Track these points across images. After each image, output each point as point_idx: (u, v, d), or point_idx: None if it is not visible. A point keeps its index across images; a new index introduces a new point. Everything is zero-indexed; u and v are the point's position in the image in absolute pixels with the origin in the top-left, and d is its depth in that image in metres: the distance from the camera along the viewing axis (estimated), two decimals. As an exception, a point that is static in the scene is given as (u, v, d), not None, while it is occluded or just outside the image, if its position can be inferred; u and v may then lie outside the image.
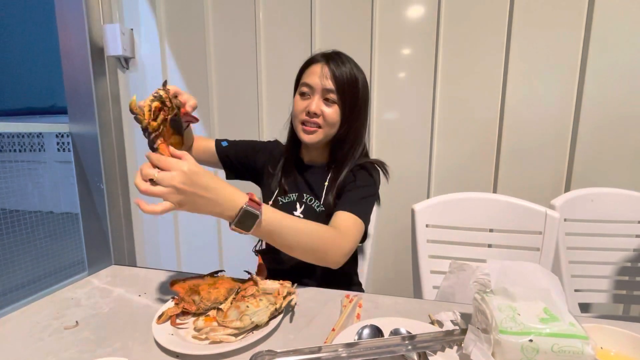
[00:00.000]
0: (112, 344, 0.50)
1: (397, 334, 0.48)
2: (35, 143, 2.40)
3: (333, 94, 0.75)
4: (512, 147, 1.35)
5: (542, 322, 0.39)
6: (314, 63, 0.78)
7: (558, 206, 1.00)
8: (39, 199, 2.13)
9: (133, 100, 0.50)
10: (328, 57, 0.77)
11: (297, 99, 0.80)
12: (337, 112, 0.77)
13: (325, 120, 0.77)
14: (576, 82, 1.26)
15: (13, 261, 1.70)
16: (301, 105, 0.78)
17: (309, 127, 0.78)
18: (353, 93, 0.77)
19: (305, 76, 0.79)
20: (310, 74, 0.77)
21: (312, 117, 0.76)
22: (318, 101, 0.76)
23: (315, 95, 0.76)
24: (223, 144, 0.91)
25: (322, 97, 0.76)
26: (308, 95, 0.77)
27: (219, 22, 1.57)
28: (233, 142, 0.94)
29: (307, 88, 0.77)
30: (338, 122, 0.78)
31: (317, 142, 0.79)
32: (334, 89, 0.75)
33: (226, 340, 0.47)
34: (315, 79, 0.76)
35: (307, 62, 0.80)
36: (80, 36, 1.60)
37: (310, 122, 0.77)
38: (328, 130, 0.79)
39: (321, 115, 0.76)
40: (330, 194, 0.80)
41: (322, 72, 0.75)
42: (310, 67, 0.79)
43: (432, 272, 0.96)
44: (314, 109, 0.75)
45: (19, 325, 0.56)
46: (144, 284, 0.71)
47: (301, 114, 0.78)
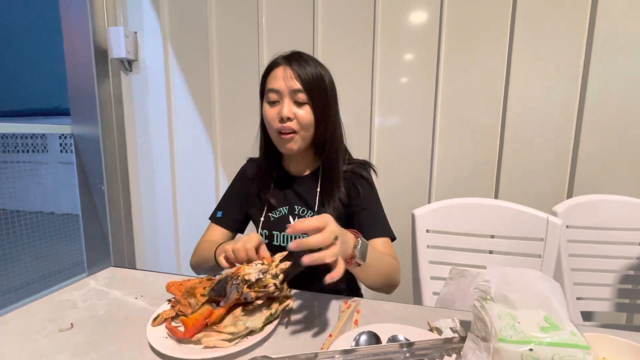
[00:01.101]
0: (106, 347, 0.50)
1: (395, 340, 0.47)
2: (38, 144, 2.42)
3: (302, 93, 0.72)
4: (514, 152, 1.34)
5: (543, 331, 0.38)
6: (276, 67, 0.75)
7: (560, 213, 0.99)
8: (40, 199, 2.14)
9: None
10: (289, 58, 0.74)
11: (267, 108, 0.76)
12: (309, 113, 0.74)
13: (300, 124, 0.74)
14: (578, 88, 1.26)
15: (13, 261, 1.69)
16: (272, 113, 0.74)
17: (286, 135, 0.74)
18: (321, 90, 0.74)
19: (269, 82, 0.75)
20: (274, 79, 0.74)
21: (285, 122, 0.73)
22: (289, 105, 0.73)
23: (285, 99, 0.73)
24: (219, 215, 0.86)
25: (292, 99, 0.73)
26: (277, 101, 0.74)
27: (222, 25, 1.58)
28: (221, 202, 0.89)
29: (275, 94, 0.73)
30: (313, 123, 0.75)
31: (297, 149, 0.76)
32: (301, 89, 0.72)
33: (219, 345, 0.46)
34: (281, 83, 0.72)
35: (268, 68, 0.77)
36: (84, 39, 1.61)
37: (285, 128, 0.73)
38: (305, 134, 0.75)
39: (295, 119, 0.73)
40: (327, 204, 0.79)
41: (286, 74, 0.72)
42: (272, 72, 0.75)
43: (432, 278, 0.95)
44: (286, 114, 0.72)
45: (14, 326, 0.55)
46: (141, 287, 0.70)
47: (274, 122, 0.74)
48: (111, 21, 1.67)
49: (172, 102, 1.71)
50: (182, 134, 1.72)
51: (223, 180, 1.68)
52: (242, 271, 0.52)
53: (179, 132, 1.72)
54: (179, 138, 1.73)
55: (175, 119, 1.72)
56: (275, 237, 0.81)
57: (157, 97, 1.72)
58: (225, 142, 1.67)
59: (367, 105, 1.45)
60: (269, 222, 0.82)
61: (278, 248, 0.80)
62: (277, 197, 0.83)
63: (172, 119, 1.72)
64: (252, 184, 0.87)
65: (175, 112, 1.71)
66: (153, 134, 1.76)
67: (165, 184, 1.78)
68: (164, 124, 1.73)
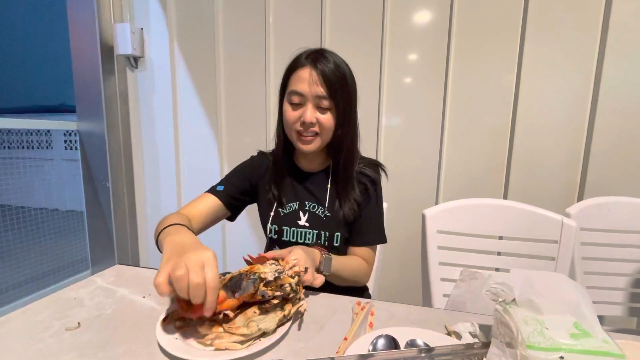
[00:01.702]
0: (114, 348, 0.48)
1: (413, 345, 0.45)
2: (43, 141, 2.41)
3: (326, 100, 0.71)
4: (524, 153, 1.32)
5: (573, 338, 0.36)
6: (300, 67, 0.73)
7: (573, 214, 0.97)
8: (45, 196, 2.13)
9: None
10: (313, 59, 0.72)
11: (288, 109, 0.74)
12: (331, 118, 0.74)
13: (321, 128, 0.74)
14: (591, 88, 1.23)
15: (17, 257, 1.69)
16: (294, 116, 0.74)
17: (306, 137, 0.74)
18: (344, 92, 0.74)
19: (293, 83, 0.73)
20: (298, 81, 0.72)
21: (307, 128, 0.73)
22: (312, 110, 0.72)
23: (308, 104, 0.72)
24: (219, 189, 0.83)
25: (315, 105, 0.72)
26: (299, 104, 0.73)
27: (229, 23, 1.57)
28: (224, 179, 0.87)
29: (298, 97, 0.72)
30: (333, 127, 0.75)
31: (315, 149, 0.77)
32: (326, 95, 0.71)
33: (232, 348, 0.45)
34: (305, 87, 0.71)
35: (292, 66, 0.75)
36: (90, 35, 1.60)
37: (307, 132, 0.74)
38: (325, 137, 0.76)
39: (317, 124, 0.73)
40: (342, 204, 0.78)
41: (311, 77, 0.70)
42: (296, 72, 0.73)
43: (442, 279, 0.93)
44: (309, 119, 0.71)
45: (20, 325, 0.54)
46: (148, 285, 0.69)
47: (295, 124, 0.74)
48: (117, 17, 1.66)
49: (177, 100, 1.70)
50: (187, 131, 1.71)
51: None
52: (257, 269, 0.51)
53: (184, 130, 1.71)
54: (184, 135, 1.72)
55: (181, 117, 1.71)
56: (285, 232, 0.80)
57: (163, 94, 1.70)
58: (231, 139, 1.65)
59: (374, 105, 1.43)
60: (279, 217, 0.81)
61: (287, 243, 0.80)
62: (288, 193, 0.82)
63: (177, 116, 1.71)
64: (261, 178, 0.86)
65: (180, 110, 1.70)
66: (158, 131, 1.75)
67: (170, 181, 1.77)
68: (169, 121, 1.72)
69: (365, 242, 0.81)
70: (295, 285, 0.52)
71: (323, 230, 0.78)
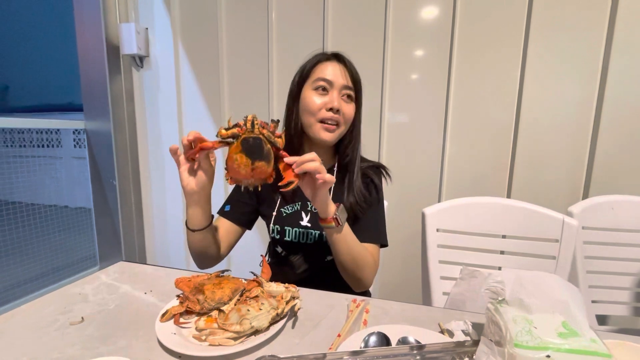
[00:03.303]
0: (115, 342, 0.50)
1: (405, 342, 0.46)
2: (52, 139, 2.46)
3: (352, 91, 0.76)
4: (528, 151, 1.31)
5: (561, 337, 0.37)
6: (325, 60, 0.77)
7: (576, 213, 0.96)
8: (55, 193, 2.17)
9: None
10: (338, 57, 0.78)
11: (313, 95, 0.75)
12: (353, 109, 0.78)
13: (345, 117, 0.76)
14: (597, 85, 1.21)
15: (28, 254, 1.73)
16: (319, 101, 0.75)
17: (330, 125, 0.75)
18: (361, 92, 0.80)
19: (319, 71, 0.76)
20: (326, 70, 0.75)
21: (334, 114, 0.75)
22: (338, 97, 0.75)
23: (334, 91, 0.75)
24: (227, 209, 0.85)
25: (340, 94, 0.75)
26: (326, 90, 0.75)
27: (232, 22, 1.58)
28: (230, 196, 0.88)
29: (326, 83, 0.75)
30: (352, 120, 0.79)
31: (332, 141, 0.78)
32: (352, 87, 0.76)
33: (224, 344, 0.46)
34: (334, 75, 0.75)
35: (316, 59, 0.78)
36: (97, 35, 1.63)
37: (331, 120, 0.75)
38: (344, 129, 0.78)
39: (340, 113, 0.75)
40: (344, 194, 0.79)
41: (338, 69, 0.75)
42: (322, 64, 0.77)
43: (442, 278, 0.94)
44: (337, 105, 0.74)
45: (26, 319, 0.56)
46: (151, 282, 0.71)
47: (320, 110, 0.75)
48: (123, 17, 1.68)
49: (182, 98, 1.72)
50: (191, 129, 1.72)
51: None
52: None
53: (189, 128, 1.73)
54: (189, 134, 1.74)
55: (185, 115, 1.73)
56: (287, 232, 0.81)
57: (168, 93, 1.73)
58: (235, 138, 1.67)
59: (377, 103, 1.43)
60: (281, 217, 0.82)
61: (290, 243, 0.80)
62: (290, 193, 0.83)
63: (182, 114, 1.73)
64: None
65: (185, 108, 1.72)
66: (163, 129, 1.77)
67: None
68: (174, 119, 1.74)
69: (366, 238, 0.80)
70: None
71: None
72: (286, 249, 0.82)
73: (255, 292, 0.55)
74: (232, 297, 0.55)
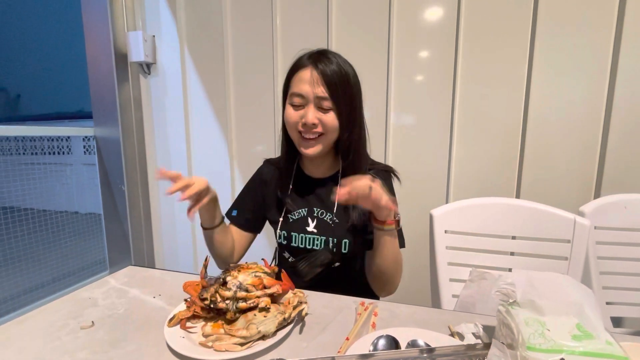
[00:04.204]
0: (125, 346, 0.50)
1: (414, 346, 0.45)
2: (63, 146, 2.50)
3: (327, 101, 0.71)
4: (537, 150, 1.29)
5: (575, 340, 0.36)
6: (301, 68, 0.73)
7: (588, 213, 0.94)
8: (66, 199, 2.21)
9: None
10: (315, 60, 0.72)
11: (290, 111, 0.74)
12: (334, 118, 0.72)
13: (325, 128, 0.73)
14: (607, 82, 1.19)
15: (40, 259, 1.76)
16: (295, 117, 0.73)
17: (309, 138, 0.73)
18: (346, 93, 0.72)
19: (294, 85, 0.73)
20: (300, 82, 0.72)
21: (309, 129, 0.72)
22: (313, 111, 0.71)
23: (310, 105, 0.71)
24: (234, 214, 0.86)
25: (316, 106, 0.72)
26: (301, 105, 0.73)
27: (237, 28, 1.60)
28: (237, 200, 0.89)
29: (299, 98, 0.72)
30: (338, 126, 0.73)
31: (318, 153, 0.75)
32: (327, 96, 0.70)
33: (231, 349, 0.46)
34: (306, 87, 0.71)
35: (294, 68, 0.75)
36: (105, 44, 1.66)
37: (309, 134, 0.73)
38: (330, 137, 0.75)
39: (319, 124, 0.72)
40: (349, 208, 0.78)
41: (312, 78, 0.70)
42: (297, 73, 0.73)
43: (451, 280, 0.92)
44: (310, 120, 0.71)
45: (38, 323, 0.57)
46: (159, 286, 0.71)
47: (296, 125, 0.73)
48: (130, 26, 1.71)
49: (188, 104, 1.74)
50: (198, 134, 1.75)
51: (238, 179, 1.70)
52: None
53: (196, 133, 1.75)
54: (196, 139, 1.76)
55: (192, 120, 1.75)
56: (294, 238, 0.80)
57: (175, 99, 1.75)
58: (241, 142, 1.68)
59: (382, 104, 1.42)
60: (288, 223, 0.81)
61: (296, 249, 0.80)
62: (296, 199, 0.82)
63: (189, 120, 1.75)
64: (269, 186, 0.87)
65: (192, 114, 1.74)
66: (171, 135, 1.79)
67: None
68: (181, 125, 1.76)
69: None
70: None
71: (331, 236, 0.78)
72: (293, 255, 0.82)
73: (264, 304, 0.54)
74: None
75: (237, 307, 0.51)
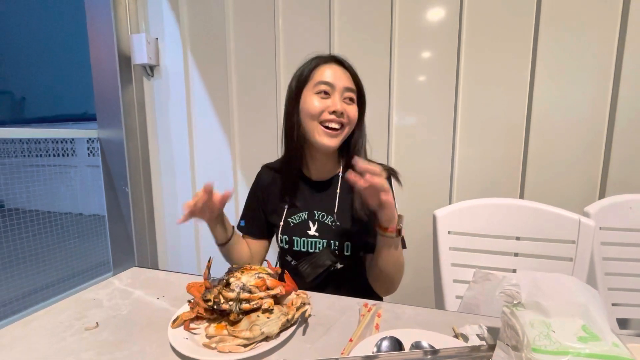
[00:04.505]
0: (130, 347, 0.50)
1: (418, 347, 0.45)
2: (67, 148, 2.53)
3: (353, 93, 0.76)
4: (541, 150, 1.28)
5: (581, 341, 0.36)
6: (324, 63, 0.76)
7: (593, 213, 0.93)
8: (70, 201, 2.23)
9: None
10: (336, 59, 0.77)
11: (313, 99, 0.74)
12: (356, 111, 0.77)
13: (349, 118, 0.75)
14: (611, 81, 1.18)
15: (45, 260, 1.78)
16: (321, 105, 0.73)
17: (334, 128, 0.73)
18: (363, 93, 0.80)
19: (318, 75, 0.74)
20: (325, 73, 0.74)
21: (338, 117, 0.73)
22: (340, 100, 0.74)
23: (336, 94, 0.73)
24: (242, 224, 0.88)
25: (341, 96, 0.74)
26: (327, 93, 0.74)
27: (240, 30, 1.60)
28: (244, 210, 0.90)
29: (327, 86, 0.73)
30: (356, 121, 0.78)
31: (337, 145, 0.76)
32: (353, 88, 0.76)
33: (235, 351, 0.46)
34: (335, 78, 0.74)
35: (315, 63, 0.77)
36: (109, 46, 1.67)
37: (334, 122, 0.73)
38: (348, 131, 0.77)
39: (344, 114, 0.74)
40: (347, 210, 0.78)
41: (338, 71, 0.75)
42: (321, 67, 0.75)
43: (454, 281, 0.92)
44: (339, 108, 0.72)
45: (43, 324, 0.57)
46: (163, 287, 0.71)
47: (322, 113, 0.73)
48: (134, 28, 1.72)
49: (191, 106, 1.74)
50: (201, 136, 1.75)
51: (241, 182, 1.70)
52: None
53: (199, 135, 1.76)
54: (199, 140, 1.76)
55: (195, 123, 1.75)
56: (296, 242, 0.80)
57: (178, 101, 1.76)
58: (243, 145, 1.68)
59: (385, 105, 1.42)
60: (289, 227, 0.81)
61: (298, 253, 0.80)
62: (296, 202, 0.82)
63: (191, 122, 1.76)
64: (269, 191, 0.87)
65: (194, 116, 1.75)
66: (174, 137, 1.80)
67: (185, 185, 1.81)
68: (184, 127, 1.76)
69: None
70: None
71: (333, 239, 0.78)
72: (296, 259, 0.82)
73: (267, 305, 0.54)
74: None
75: (241, 309, 0.51)
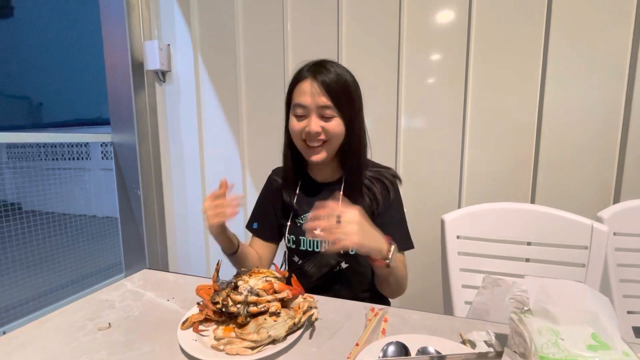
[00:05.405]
0: (140, 348, 0.52)
1: (425, 353, 0.45)
2: (82, 152, 2.59)
3: (329, 109, 0.73)
4: (552, 154, 1.26)
5: (590, 350, 0.35)
6: (302, 80, 0.75)
7: (606, 219, 0.91)
8: (84, 203, 2.29)
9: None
10: (314, 71, 0.74)
11: (293, 121, 0.76)
12: (338, 124, 0.74)
13: (329, 135, 0.74)
14: (625, 83, 1.16)
15: (60, 262, 1.82)
16: (298, 127, 0.75)
17: (314, 146, 0.75)
18: (348, 99, 0.75)
19: (296, 96, 0.75)
20: (301, 93, 0.74)
21: (313, 137, 0.74)
22: (315, 120, 0.73)
23: (312, 115, 0.73)
24: (255, 227, 0.90)
25: (319, 115, 0.73)
26: (303, 115, 0.74)
27: (249, 37, 1.63)
28: (255, 212, 0.92)
29: (301, 109, 0.74)
30: (343, 132, 0.76)
31: (324, 159, 0.77)
32: (329, 105, 0.72)
33: (242, 353, 0.47)
34: (307, 98, 0.72)
35: (294, 80, 0.77)
36: (123, 53, 1.72)
37: (313, 142, 0.75)
38: (334, 143, 0.76)
39: (322, 132, 0.74)
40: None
41: (313, 89, 0.72)
42: (298, 85, 0.75)
43: (463, 286, 0.91)
44: (314, 129, 0.72)
45: (58, 324, 0.59)
46: (173, 289, 0.73)
47: (300, 134, 0.75)
48: (147, 35, 1.77)
49: (202, 111, 1.77)
50: (211, 140, 1.78)
51: (250, 185, 1.72)
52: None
53: (209, 139, 1.79)
54: (209, 144, 1.79)
55: (205, 127, 1.78)
56: (302, 242, 0.82)
57: (189, 106, 1.79)
58: (252, 149, 1.70)
59: (393, 108, 1.42)
60: (296, 228, 0.83)
61: (305, 253, 0.81)
62: (303, 204, 0.84)
63: (202, 126, 1.79)
64: (278, 193, 0.88)
65: (205, 120, 1.78)
66: (185, 141, 1.84)
67: (195, 189, 1.84)
68: (194, 131, 1.80)
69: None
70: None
71: None
72: (302, 258, 0.83)
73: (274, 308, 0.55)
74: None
75: (248, 312, 0.52)
